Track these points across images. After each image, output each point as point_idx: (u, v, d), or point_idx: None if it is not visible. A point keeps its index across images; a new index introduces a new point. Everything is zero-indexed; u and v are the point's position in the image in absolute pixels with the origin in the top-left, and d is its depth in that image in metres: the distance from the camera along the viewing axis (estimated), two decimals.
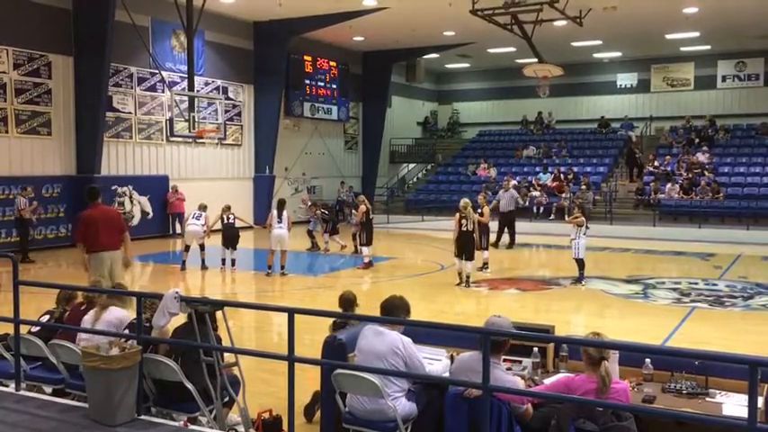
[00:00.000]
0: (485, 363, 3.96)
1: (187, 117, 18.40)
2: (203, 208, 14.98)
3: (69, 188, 18.16)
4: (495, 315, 4.52)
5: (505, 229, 18.83)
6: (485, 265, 14.43)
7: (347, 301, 6.27)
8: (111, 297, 5.67)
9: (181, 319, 5.17)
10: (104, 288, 6.14)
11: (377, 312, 4.88)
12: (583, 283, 12.92)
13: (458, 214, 12.66)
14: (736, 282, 13.25)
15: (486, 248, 14.68)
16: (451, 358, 4.93)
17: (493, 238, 17.08)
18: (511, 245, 18.67)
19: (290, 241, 14.59)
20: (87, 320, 5.57)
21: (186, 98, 18.60)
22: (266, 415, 5.38)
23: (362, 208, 15.61)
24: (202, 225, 14.63)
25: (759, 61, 28.52)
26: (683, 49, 27.93)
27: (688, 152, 25.83)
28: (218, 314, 5.19)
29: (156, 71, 19.89)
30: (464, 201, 12.82)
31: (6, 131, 17.10)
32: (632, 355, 4.76)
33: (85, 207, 9.09)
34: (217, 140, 22.59)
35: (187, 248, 14.73)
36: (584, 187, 24.33)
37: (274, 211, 14.21)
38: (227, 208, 15.06)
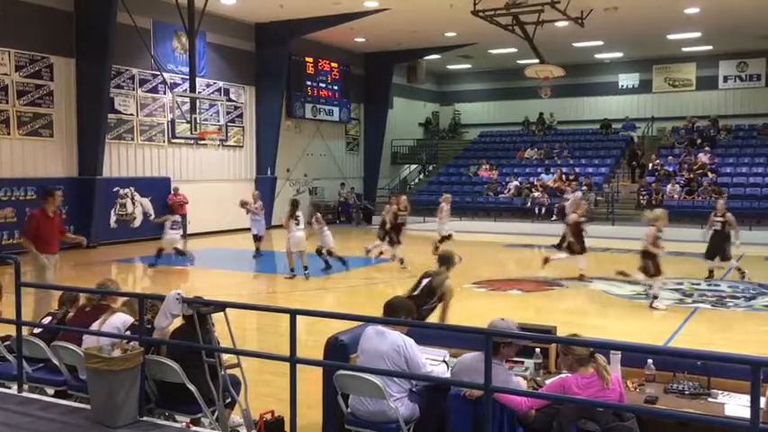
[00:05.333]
0: (486, 363, 3.96)
1: (189, 119, 18.40)
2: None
3: (71, 190, 18.15)
4: (500, 318, 4.51)
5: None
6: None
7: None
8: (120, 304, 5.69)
9: (181, 320, 5.17)
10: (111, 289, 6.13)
11: (379, 312, 4.89)
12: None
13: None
14: (739, 282, 13.22)
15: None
16: (446, 364, 4.94)
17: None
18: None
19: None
20: (96, 325, 5.58)
21: (188, 100, 18.59)
22: (268, 416, 5.37)
23: (393, 208, 15.33)
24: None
25: (761, 61, 28.49)
26: (684, 49, 27.91)
27: (690, 153, 25.82)
28: (216, 315, 5.18)
29: (158, 73, 19.90)
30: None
31: (8, 133, 17.13)
32: (634, 355, 4.76)
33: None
34: (218, 142, 22.59)
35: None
36: (585, 188, 24.31)
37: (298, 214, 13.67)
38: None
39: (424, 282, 6.92)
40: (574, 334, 4.45)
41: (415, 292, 6.84)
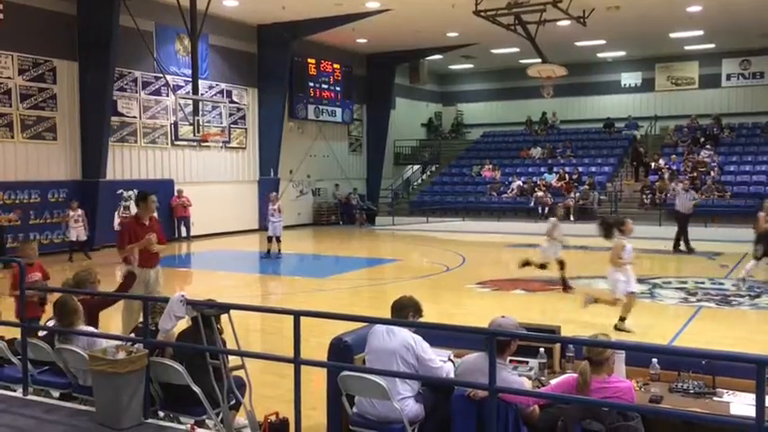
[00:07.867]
0: (491, 364, 3.96)
1: (191, 121, 18.42)
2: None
3: (75, 193, 18.19)
4: (501, 316, 4.52)
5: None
6: None
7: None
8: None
9: (186, 323, 5.18)
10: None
11: (382, 313, 4.89)
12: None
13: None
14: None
15: None
16: (452, 362, 4.93)
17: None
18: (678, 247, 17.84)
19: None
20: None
21: (190, 102, 18.60)
22: (273, 417, 5.38)
23: (762, 215, 13.45)
24: None
25: (764, 59, 28.40)
26: (687, 47, 27.86)
27: (693, 151, 25.76)
28: (223, 317, 5.19)
29: (161, 75, 19.93)
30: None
31: (12, 137, 17.16)
32: (639, 355, 4.74)
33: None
34: (221, 144, 22.62)
35: None
36: (587, 187, 24.28)
37: None
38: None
39: None
40: (604, 334, 4.44)
41: None
